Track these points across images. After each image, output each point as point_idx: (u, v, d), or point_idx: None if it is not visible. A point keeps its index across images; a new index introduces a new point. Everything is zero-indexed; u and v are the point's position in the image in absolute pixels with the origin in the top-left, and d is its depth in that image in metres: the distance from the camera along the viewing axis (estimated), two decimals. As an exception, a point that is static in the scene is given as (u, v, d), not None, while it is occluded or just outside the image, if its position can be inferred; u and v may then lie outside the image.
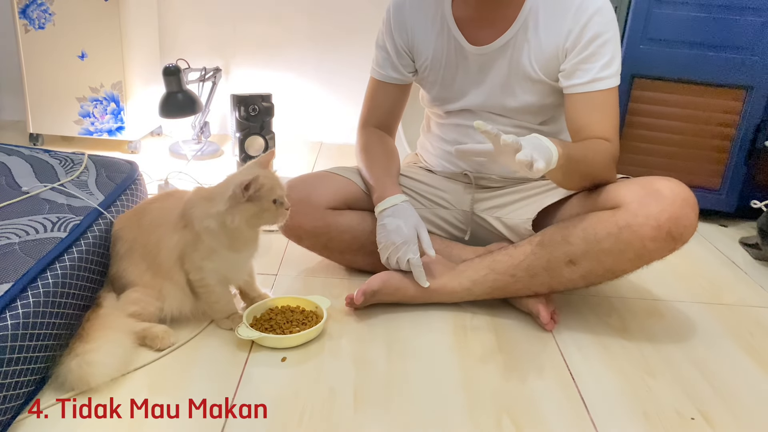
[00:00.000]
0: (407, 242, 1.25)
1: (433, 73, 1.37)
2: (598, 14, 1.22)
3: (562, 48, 1.24)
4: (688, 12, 1.77)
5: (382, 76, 1.43)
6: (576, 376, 1.13)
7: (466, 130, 1.38)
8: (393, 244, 1.26)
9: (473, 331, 1.25)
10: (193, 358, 1.11)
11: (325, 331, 1.22)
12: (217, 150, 2.33)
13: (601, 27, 1.22)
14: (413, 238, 1.26)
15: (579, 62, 1.23)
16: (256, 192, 1.10)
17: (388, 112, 1.47)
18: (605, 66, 1.22)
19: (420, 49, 1.37)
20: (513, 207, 1.38)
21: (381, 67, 1.42)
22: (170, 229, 1.15)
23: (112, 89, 2.17)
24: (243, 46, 2.49)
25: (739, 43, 1.77)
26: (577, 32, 1.22)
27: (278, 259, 1.51)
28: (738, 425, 1.03)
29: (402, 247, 1.25)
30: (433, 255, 1.25)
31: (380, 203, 1.31)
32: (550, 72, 1.27)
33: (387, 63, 1.41)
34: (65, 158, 1.45)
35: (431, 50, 1.35)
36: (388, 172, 1.38)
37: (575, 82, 1.24)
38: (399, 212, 1.28)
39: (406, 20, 1.36)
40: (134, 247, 1.18)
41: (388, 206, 1.29)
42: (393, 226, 1.27)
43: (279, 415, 0.99)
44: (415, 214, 1.29)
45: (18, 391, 0.93)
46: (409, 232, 1.26)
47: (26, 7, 2.07)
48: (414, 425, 0.98)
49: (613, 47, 1.23)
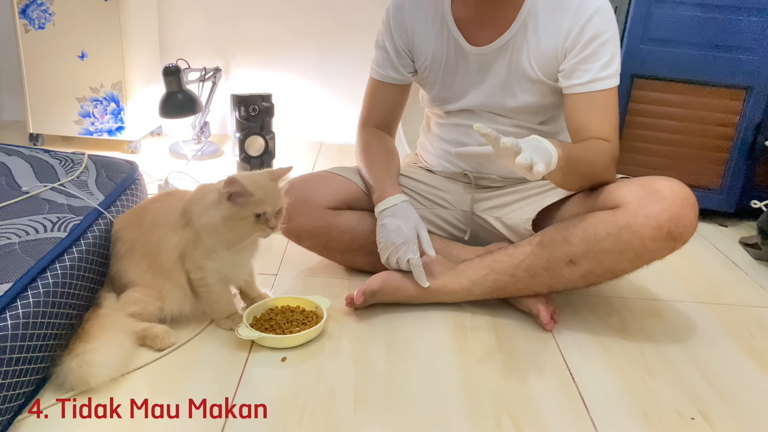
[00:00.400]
0: (407, 242, 1.25)
1: (433, 73, 1.37)
2: (597, 14, 1.21)
3: (562, 48, 1.24)
4: (688, 12, 1.77)
5: (381, 76, 1.43)
6: (576, 376, 1.13)
7: (466, 130, 1.38)
8: (393, 243, 1.26)
9: (473, 331, 1.25)
10: (193, 358, 1.11)
11: (325, 331, 1.22)
12: (217, 150, 2.33)
13: (601, 27, 1.22)
14: (413, 238, 1.26)
15: (578, 62, 1.23)
16: (237, 195, 1.08)
17: (387, 112, 1.47)
18: (605, 66, 1.22)
19: (420, 49, 1.37)
20: (513, 207, 1.38)
21: (381, 67, 1.42)
22: (171, 229, 1.15)
23: (112, 89, 2.17)
24: (243, 46, 2.49)
25: (739, 43, 1.77)
26: (577, 32, 1.22)
27: (278, 259, 1.51)
28: (738, 425, 1.03)
29: (402, 247, 1.25)
30: (433, 255, 1.25)
31: (380, 203, 1.31)
32: (550, 72, 1.27)
33: (387, 63, 1.41)
34: (65, 158, 1.45)
35: (431, 50, 1.35)
36: (388, 172, 1.38)
37: (575, 82, 1.24)
38: (399, 212, 1.28)
39: (406, 20, 1.36)
40: (134, 247, 1.18)
41: (388, 206, 1.29)
42: (393, 226, 1.27)
43: (279, 415, 0.99)
44: (415, 214, 1.29)
45: (18, 391, 0.93)
46: (409, 232, 1.25)
47: (26, 7, 2.07)
48: (414, 425, 0.98)
49: (612, 47, 1.23)
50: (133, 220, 1.21)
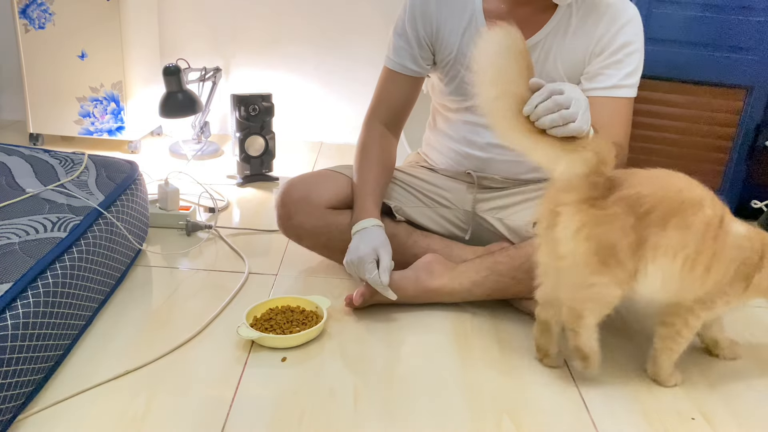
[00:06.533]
0: (363, 261, 1.23)
1: (455, 68, 1.34)
2: (630, 24, 1.24)
3: (590, 52, 1.26)
4: (688, 12, 1.77)
5: (397, 67, 1.36)
6: (576, 376, 1.13)
7: (476, 128, 1.37)
8: (351, 262, 1.25)
9: (473, 331, 1.25)
10: (193, 358, 1.11)
11: (325, 331, 1.22)
12: (217, 150, 2.33)
13: (632, 37, 1.24)
14: (369, 257, 1.23)
15: (604, 66, 1.24)
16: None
17: (397, 107, 1.41)
18: (628, 75, 1.24)
19: (445, 43, 1.32)
20: (515, 209, 1.38)
21: (397, 57, 1.36)
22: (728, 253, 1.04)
23: (112, 89, 2.17)
24: (243, 46, 2.49)
25: (739, 43, 1.77)
26: (609, 38, 1.24)
27: (278, 259, 1.51)
28: (738, 425, 1.03)
29: (359, 266, 1.24)
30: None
31: (354, 225, 1.30)
32: (574, 75, 1.28)
33: (405, 53, 1.35)
34: (65, 158, 1.45)
35: (456, 45, 1.31)
36: (374, 188, 1.35)
37: (596, 86, 1.25)
38: (365, 235, 1.27)
39: (432, 12, 1.31)
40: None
41: (359, 229, 1.29)
42: (353, 246, 1.27)
43: (279, 415, 0.99)
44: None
45: (18, 391, 0.93)
46: (366, 252, 1.23)
47: (26, 6, 2.07)
48: (414, 425, 0.98)
49: (638, 58, 1.25)
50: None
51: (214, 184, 1.98)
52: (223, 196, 1.89)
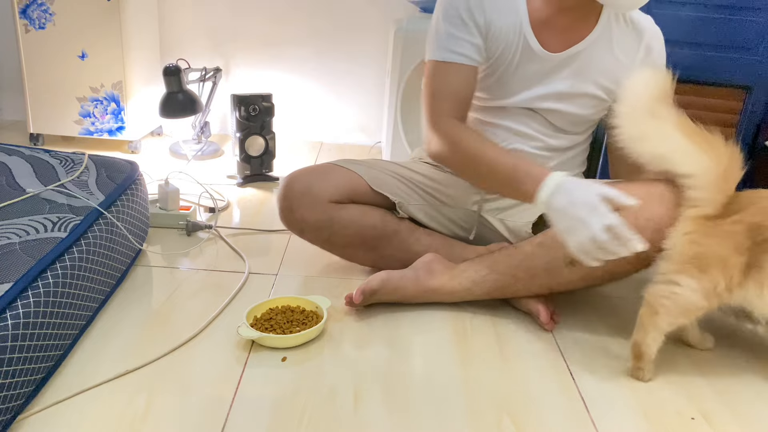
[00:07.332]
0: (593, 209, 1.05)
1: (494, 66, 1.31)
2: (661, 41, 1.33)
3: (628, 68, 1.27)
4: (688, 12, 1.77)
5: (458, 57, 1.26)
6: (576, 376, 1.13)
7: (492, 129, 1.36)
8: (578, 220, 1.06)
9: (473, 331, 1.25)
10: (194, 358, 1.11)
11: (325, 331, 1.22)
12: (218, 150, 2.33)
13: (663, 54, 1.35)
14: (597, 203, 1.06)
15: None
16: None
17: (462, 102, 1.29)
18: None
19: (494, 37, 1.27)
20: (516, 210, 1.38)
21: (457, 45, 1.26)
22: None
23: (113, 89, 2.17)
24: (243, 46, 2.49)
25: (739, 43, 1.77)
26: (644, 54, 1.31)
27: (278, 259, 1.51)
28: (738, 425, 1.03)
29: (589, 219, 1.05)
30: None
31: (540, 192, 1.13)
32: (610, 89, 1.30)
33: (464, 41, 1.25)
34: (65, 158, 1.45)
35: (502, 43, 1.28)
36: (516, 155, 1.24)
37: None
38: (562, 190, 1.11)
39: (485, 4, 1.26)
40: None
41: (549, 192, 1.12)
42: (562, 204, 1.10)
43: (279, 415, 0.99)
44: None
45: (18, 391, 0.93)
46: (589, 199, 1.06)
47: (26, 7, 2.08)
48: (414, 425, 0.98)
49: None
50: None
51: (214, 184, 1.99)
52: (223, 196, 1.89)
